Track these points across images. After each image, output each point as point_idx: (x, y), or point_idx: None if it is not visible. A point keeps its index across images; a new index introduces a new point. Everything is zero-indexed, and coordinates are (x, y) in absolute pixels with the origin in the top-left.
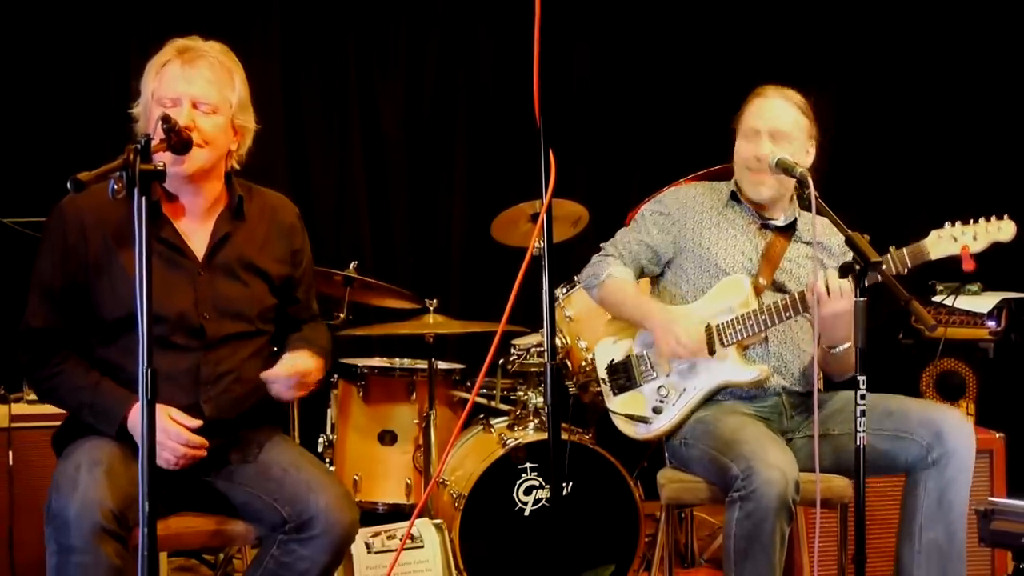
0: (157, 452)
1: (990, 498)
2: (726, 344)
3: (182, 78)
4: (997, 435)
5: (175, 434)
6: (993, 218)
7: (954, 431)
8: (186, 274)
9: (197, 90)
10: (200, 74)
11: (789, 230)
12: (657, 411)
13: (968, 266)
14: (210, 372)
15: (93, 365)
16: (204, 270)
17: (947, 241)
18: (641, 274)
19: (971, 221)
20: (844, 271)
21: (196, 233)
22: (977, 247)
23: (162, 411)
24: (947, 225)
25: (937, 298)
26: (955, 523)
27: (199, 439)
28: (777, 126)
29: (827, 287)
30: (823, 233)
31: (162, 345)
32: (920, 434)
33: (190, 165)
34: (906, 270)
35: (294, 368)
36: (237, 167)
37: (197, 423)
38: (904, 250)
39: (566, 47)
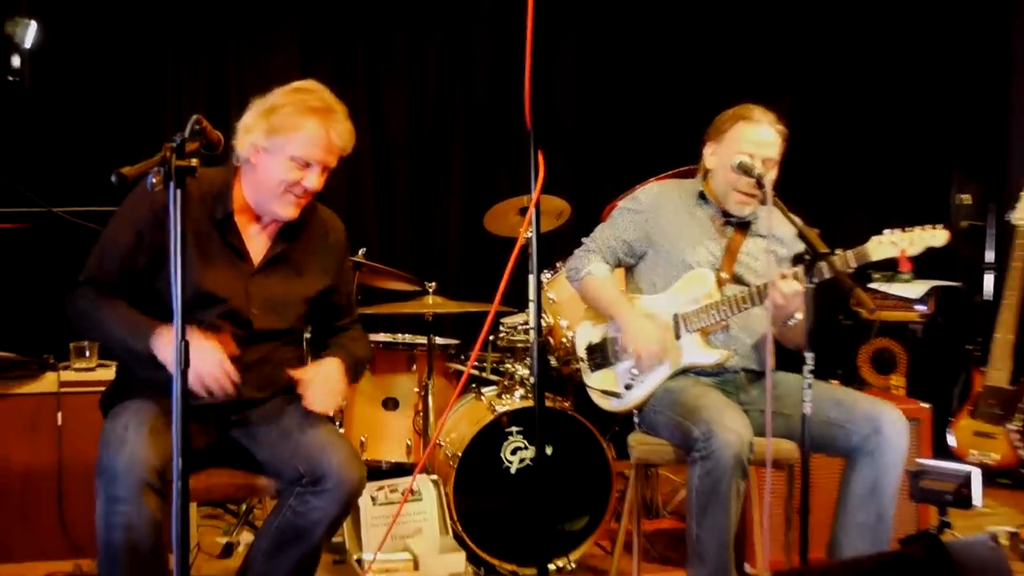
0: (193, 375)
1: (918, 460)
2: (690, 331)
3: (323, 146)
4: (924, 405)
5: (213, 357)
6: (928, 226)
7: (892, 427)
8: (242, 274)
9: (330, 158)
10: (334, 142)
11: (746, 225)
12: (628, 387)
13: (905, 267)
14: (251, 358)
15: None
16: (257, 274)
17: (887, 246)
18: (618, 265)
19: (908, 228)
20: (796, 260)
21: (256, 241)
22: (913, 251)
23: (202, 336)
24: (886, 232)
25: (873, 285)
26: (885, 507)
27: (233, 368)
28: (770, 155)
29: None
30: (777, 227)
31: (215, 329)
32: (861, 425)
33: (299, 211)
34: (850, 270)
35: (316, 373)
36: None
37: (236, 352)
38: (850, 252)
39: (551, 60)
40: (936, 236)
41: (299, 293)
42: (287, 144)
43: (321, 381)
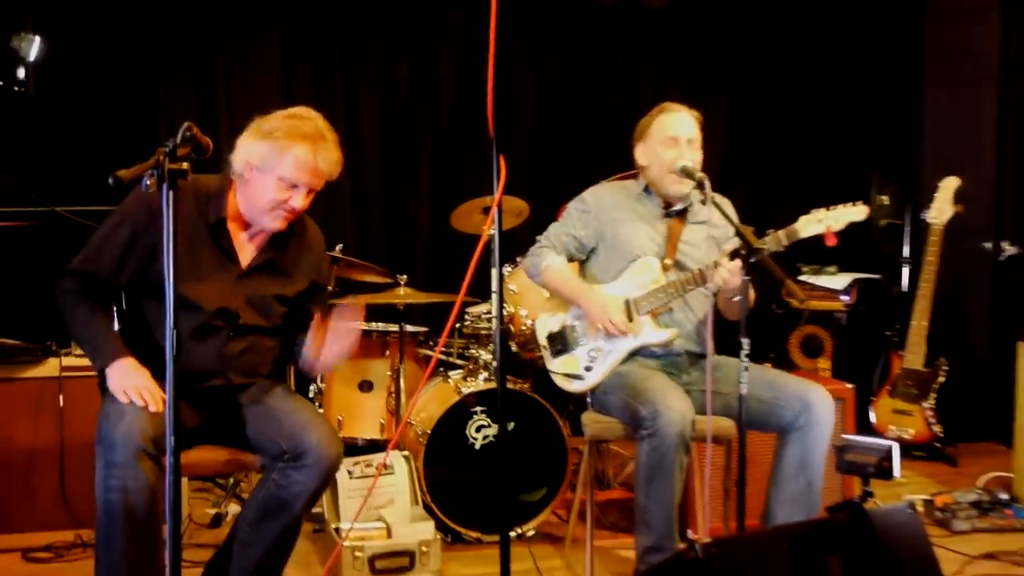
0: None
1: (843, 436)
2: (641, 314)
3: (309, 171)
4: (848, 386)
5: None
6: (849, 204)
7: (819, 405)
8: (230, 276)
9: (316, 181)
10: (320, 167)
11: (684, 214)
12: (589, 369)
13: (831, 242)
14: (237, 348)
15: (135, 322)
16: (243, 276)
17: (814, 223)
18: (570, 260)
19: (831, 207)
20: (733, 255)
21: (245, 247)
22: (838, 227)
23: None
24: (813, 211)
25: (802, 277)
26: (813, 478)
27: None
28: (691, 135)
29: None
30: (713, 215)
31: (202, 321)
32: (792, 404)
33: (285, 225)
34: (783, 247)
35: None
36: None
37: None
38: (781, 231)
39: (512, 72)
40: (857, 211)
41: (282, 294)
42: (277, 166)
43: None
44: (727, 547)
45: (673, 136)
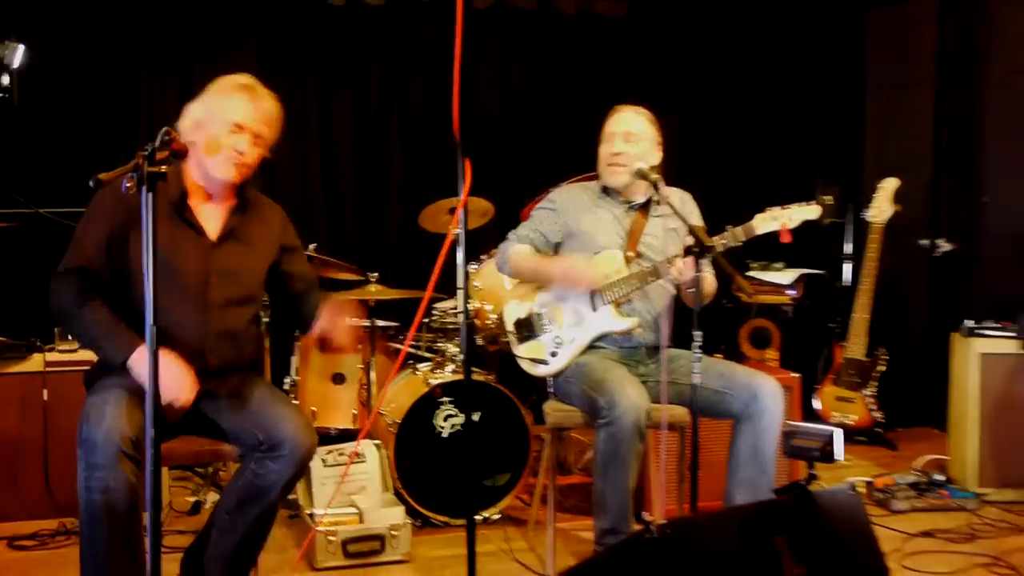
0: (169, 390)
1: (789, 422)
2: (605, 303)
3: (250, 113)
4: (795, 375)
5: (179, 379)
6: (803, 203)
7: (767, 395)
8: (202, 248)
9: (259, 127)
10: (260, 109)
11: (647, 207)
12: (554, 355)
13: (785, 239)
14: (214, 328)
15: (121, 309)
16: (216, 247)
17: (770, 220)
18: (536, 251)
19: (786, 206)
20: (687, 252)
21: (210, 219)
22: (792, 224)
23: (172, 359)
24: (769, 209)
25: (751, 273)
26: (766, 463)
27: (194, 384)
28: (628, 128)
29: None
30: (671, 211)
31: (178, 295)
32: (742, 393)
33: (238, 175)
34: (740, 243)
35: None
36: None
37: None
38: (739, 228)
39: (477, 80)
40: (811, 210)
41: (252, 263)
42: (220, 111)
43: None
44: (681, 528)
45: (610, 132)
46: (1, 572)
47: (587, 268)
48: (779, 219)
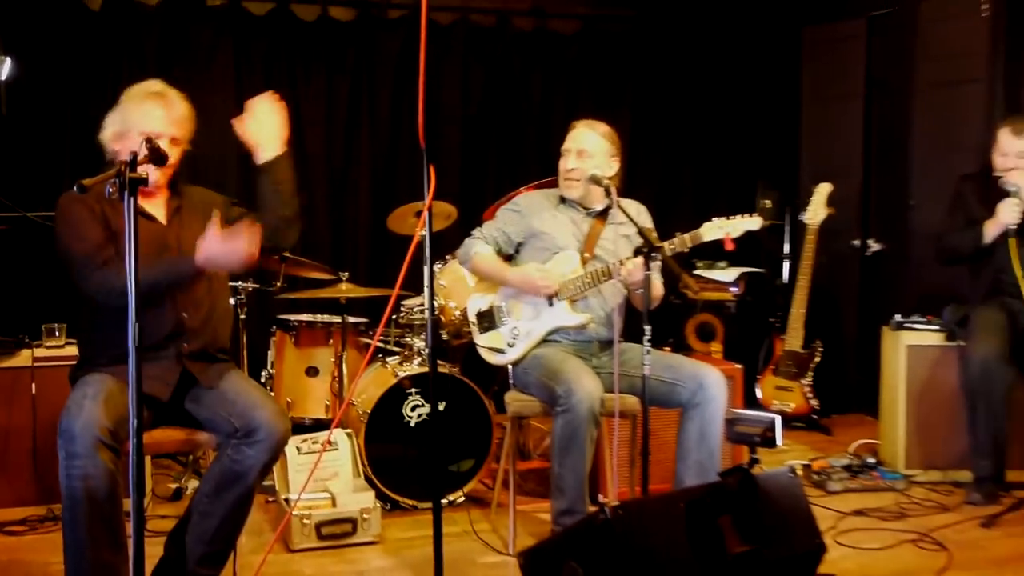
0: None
1: (733, 410)
2: (561, 299)
3: (161, 119)
4: (737, 366)
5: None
6: (747, 215)
7: (713, 385)
8: (157, 230)
9: (173, 130)
10: (171, 114)
11: (604, 214)
12: (511, 345)
13: (729, 247)
14: (185, 306)
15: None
16: (167, 227)
17: (716, 229)
18: (498, 251)
19: (731, 217)
20: (636, 252)
21: (156, 210)
22: (735, 234)
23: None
24: (715, 219)
25: (697, 271)
26: (712, 448)
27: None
28: (581, 146)
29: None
30: (626, 218)
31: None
32: (688, 383)
33: (163, 176)
34: (687, 248)
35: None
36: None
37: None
38: (687, 235)
39: (440, 92)
40: (753, 222)
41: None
42: (137, 121)
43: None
44: (632, 509)
45: (566, 148)
46: None
47: (543, 278)
48: (724, 228)
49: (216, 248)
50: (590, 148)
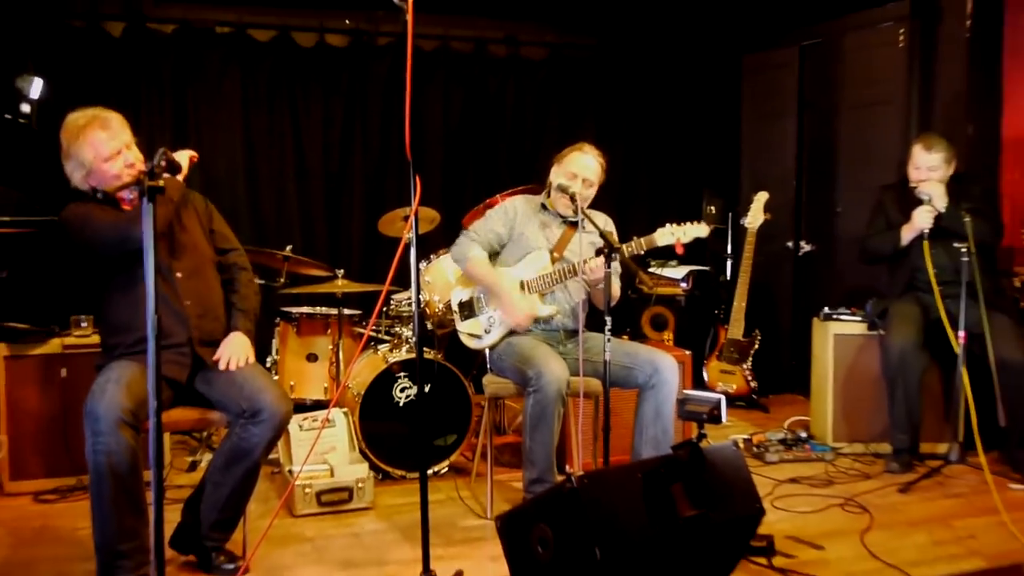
0: None
1: (683, 391)
2: (531, 292)
3: (107, 139)
4: (687, 352)
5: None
6: (695, 222)
7: (666, 369)
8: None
9: (122, 137)
10: (112, 131)
11: (575, 223)
12: (487, 331)
13: (679, 251)
14: (187, 299)
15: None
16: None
17: (667, 235)
18: (490, 250)
19: (681, 223)
20: (598, 253)
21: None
22: (685, 240)
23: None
24: (667, 225)
25: (651, 269)
26: (666, 424)
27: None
28: (589, 176)
29: (593, 267)
30: (592, 226)
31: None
32: (644, 368)
33: (135, 173)
34: (642, 251)
35: (230, 353)
36: None
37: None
38: (642, 239)
39: (425, 109)
40: (701, 229)
41: (191, 230)
42: (92, 155)
43: (233, 349)
44: (595, 479)
45: (574, 172)
46: (27, 521)
47: (523, 309)
48: (675, 234)
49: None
50: (593, 177)
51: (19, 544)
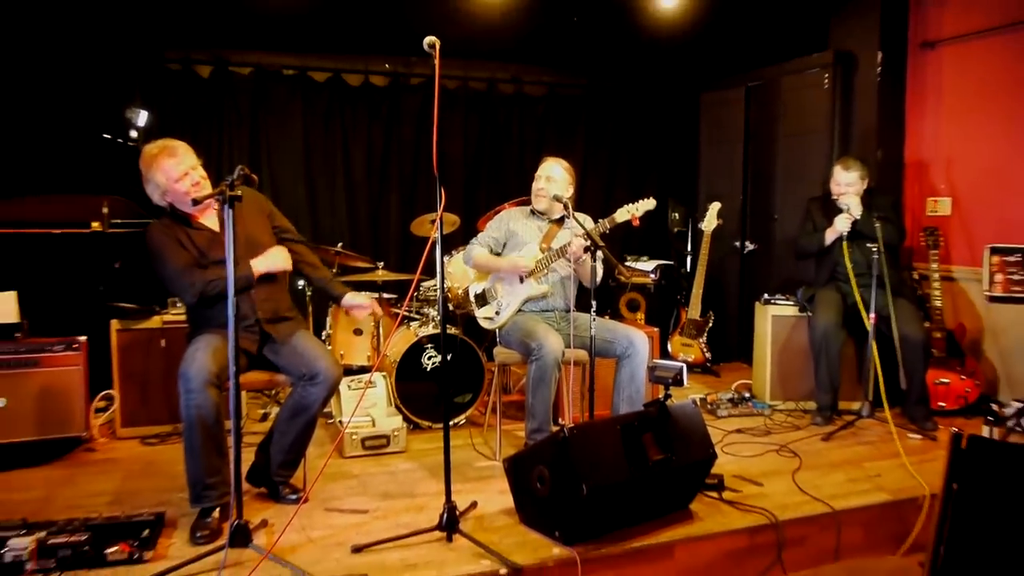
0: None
1: (653, 360)
2: (528, 276)
3: (177, 164)
4: (655, 329)
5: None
6: (644, 199)
7: (639, 342)
8: (211, 237)
9: (189, 161)
10: (179, 156)
11: (560, 221)
12: (498, 313)
13: (636, 223)
14: (261, 297)
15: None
16: (219, 233)
17: (624, 212)
18: (491, 251)
19: (635, 202)
20: (586, 250)
21: (212, 219)
22: (639, 213)
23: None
24: (625, 205)
25: (627, 263)
26: (639, 386)
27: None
28: (549, 174)
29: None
30: (578, 225)
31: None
32: (622, 341)
33: (200, 193)
34: (607, 229)
35: (367, 301)
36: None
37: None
38: (606, 219)
39: (448, 134)
40: (649, 203)
41: (253, 230)
42: (164, 178)
43: (363, 300)
44: (583, 429)
45: (538, 175)
46: (135, 460)
47: (522, 259)
48: (630, 211)
49: (262, 262)
50: (555, 176)
51: (129, 477)
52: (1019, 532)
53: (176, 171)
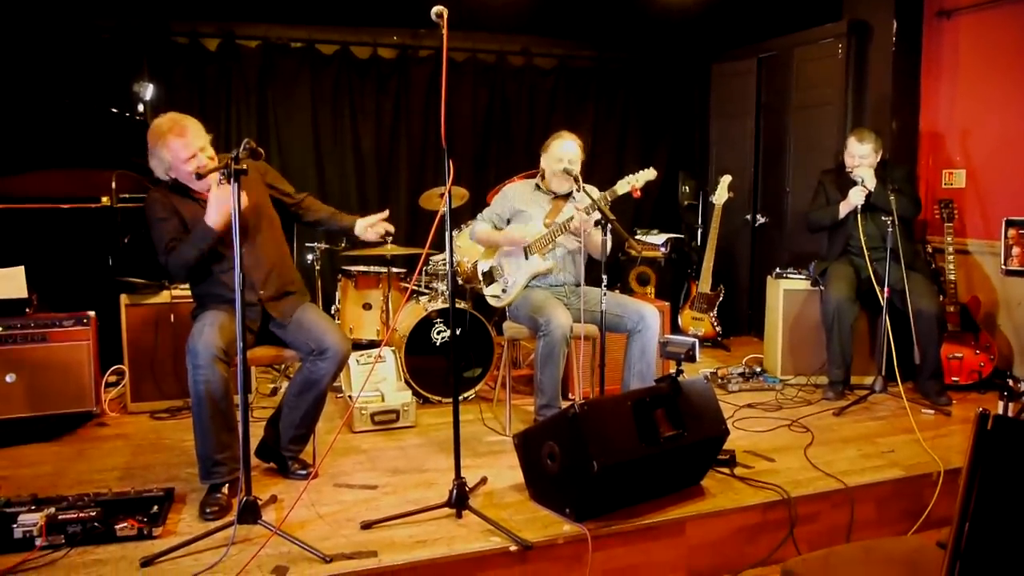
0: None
1: (664, 335)
2: (533, 253)
3: (187, 143)
4: (666, 303)
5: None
6: (644, 169)
7: (649, 316)
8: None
9: (198, 142)
10: (189, 133)
11: (565, 197)
12: (505, 291)
13: (636, 195)
14: (265, 269)
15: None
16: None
17: (625, 184)
18: (495, 227)
19: (634, 174)
20: (597, 223)
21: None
22: (639, 184)
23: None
24: (625, 176)
25: (638, 237)
26: (650, 361)
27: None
28: (572, 156)
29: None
30: (585, 198)
31: (228, 244)
32: (632, 316)
33: (205, 171)
34: (608, 202)
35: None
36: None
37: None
38: (608, 191)
39: (456, 107)
40: (649, 173)
41: (258, 199)
42: (171, 156)
43: (371, 221)
44: (593, 405)
45: (559, 156)
46: (145, 434)
47: (522, 232)
48: (631, 182)
49: (212, 206)
50: (574, 156)
51: (139, 452)
52: None
53: (184, 152)
